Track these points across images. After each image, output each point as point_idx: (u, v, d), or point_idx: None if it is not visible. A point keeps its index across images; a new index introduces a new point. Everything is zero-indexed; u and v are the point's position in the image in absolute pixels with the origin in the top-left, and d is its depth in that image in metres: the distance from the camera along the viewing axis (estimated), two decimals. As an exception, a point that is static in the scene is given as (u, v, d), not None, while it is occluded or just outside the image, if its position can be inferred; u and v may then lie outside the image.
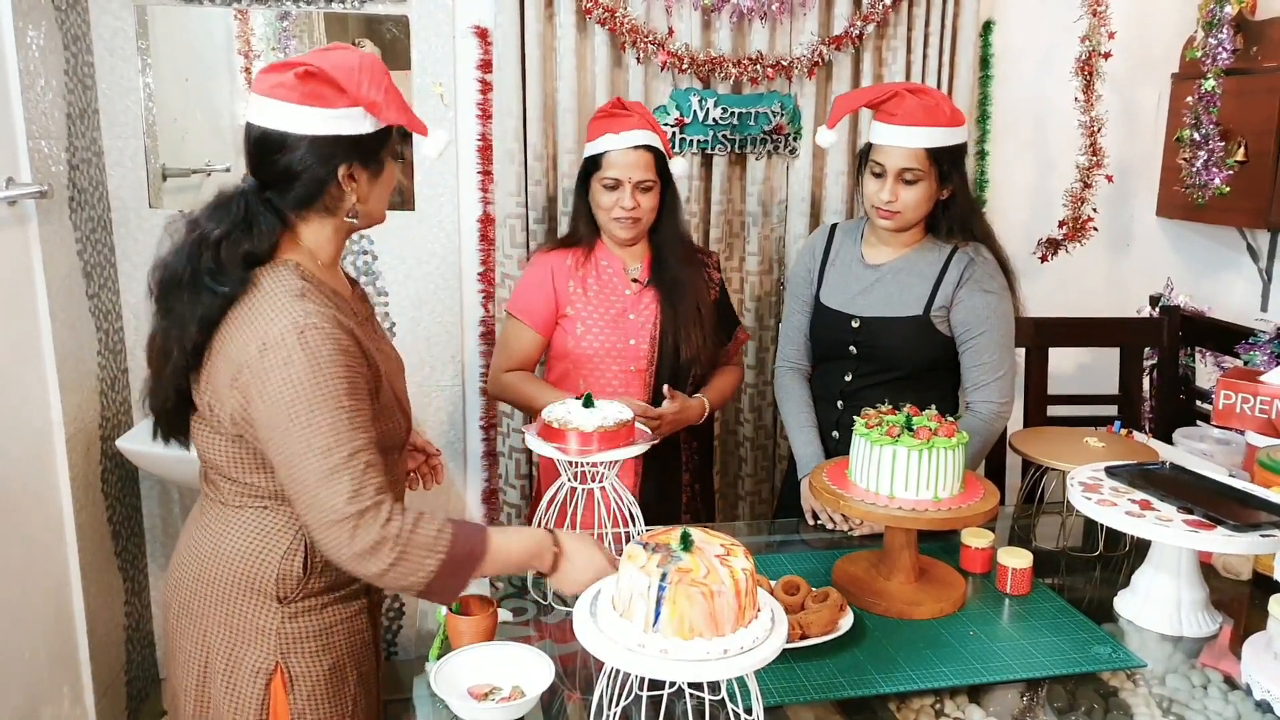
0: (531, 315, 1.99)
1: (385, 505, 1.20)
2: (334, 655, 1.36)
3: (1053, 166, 2.67)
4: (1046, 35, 2.59)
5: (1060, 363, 2.57)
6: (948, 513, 1.43)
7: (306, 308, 1.23)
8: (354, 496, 1.19)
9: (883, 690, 1.28)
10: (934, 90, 1.84)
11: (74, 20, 2.15)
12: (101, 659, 2.16)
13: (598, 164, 1.91)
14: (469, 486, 2.62)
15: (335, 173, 1.27)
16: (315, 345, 1.21)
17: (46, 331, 1.98)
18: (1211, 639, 1.46)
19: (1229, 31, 2.33)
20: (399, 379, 1.41)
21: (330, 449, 1.19)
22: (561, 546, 1.30)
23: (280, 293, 1.25)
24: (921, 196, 1.79)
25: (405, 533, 1.19)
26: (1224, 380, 1.90)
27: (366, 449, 1.21)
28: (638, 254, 2.01)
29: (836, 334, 1.90)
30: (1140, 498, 1.49)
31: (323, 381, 1.20)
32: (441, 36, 2.36)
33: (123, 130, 2.30)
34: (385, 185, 1.36)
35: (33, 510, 1.93)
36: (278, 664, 1.33)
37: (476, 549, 1.24)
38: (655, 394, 1.96)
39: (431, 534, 1.21)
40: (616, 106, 1.96)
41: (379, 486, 1.21)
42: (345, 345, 1.23)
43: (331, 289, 1.33)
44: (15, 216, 1.89)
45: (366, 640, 1.41)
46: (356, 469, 1.19)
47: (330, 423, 1.19)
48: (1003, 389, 1.83)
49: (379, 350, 1.35)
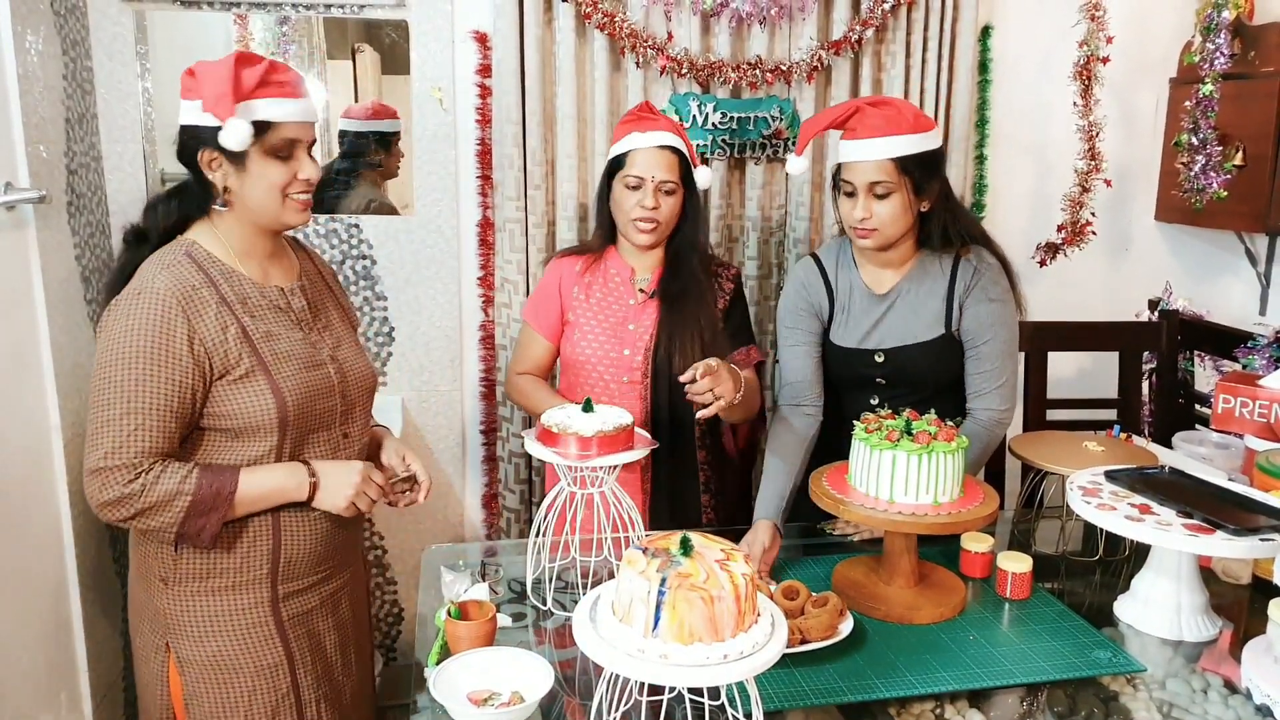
0: (540, 322, 1.99)
1: (139, 468, 1.32)
2: (218, 642, 1.44)
3: (1051, 171, 2.68)
4: (1045, 40, 2.59)
5: (1059, 367, 2.57)
6: (947, 517, 1.43)
7: (158, 276, 1.37)
8: (109, 454, 1.32)
9: (883, 695, 1.28)
10: (897, 100, 1.78)
11: (73, 25, 2.15)
12: (98, 666, 2.15)
13: (621, 163, 1.89)
14: (468, 491, 2.61)
15: (196, 159, 1.40)
16: (142, 308, 1.34)
17: (44, 336, 1.97)
18: (1211, 643, 1.46)
19: (1227, 36, 2.33)
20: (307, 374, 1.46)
21: (110, 403, 1.33)
22: (318, 475, 1.44)
23: (153, 262, 1.40)
24: (897, 209, 1.73)
25: (149, 486, 1.32)
26: (1223, 384, 1.91)
27: (143, 412, 1.32)
28: (651, 264, 1.97)
29: (860, 370, 1.85)
30: (1140, 502, 1.49)
31: (130, 341, 1.33)
32: (441, 41, 2.36)
33: (121, 135, 2.30)
34: (258, 179, 1.41)
35: (30, 515, 1.93)
36: (168, 644, 1.45)
37: (225, 487, 1.36)
38: (654, 408, 1.92)
39: (174, 483, 1.33)
40: (645, 110, 1.95)
41: (142, 450, 1.32)
42: (171, 315, 1.34)
43: (235, 273, 1.44)
44: (13, 221, 1.89)
45: (268, 634, 1.46)
46: (124, 429, 1.32)
47: (120, 379, 1.32)
48: (1004, 396, 1.81)
49: (268, 336, 1.44)
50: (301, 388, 1.44)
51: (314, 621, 1.52)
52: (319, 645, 1.52)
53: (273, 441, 1.43)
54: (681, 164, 1.89)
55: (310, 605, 1.52)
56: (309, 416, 1.46)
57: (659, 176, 1.86)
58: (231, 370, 1.39)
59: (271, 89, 1.38)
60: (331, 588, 1.55)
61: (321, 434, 1.49)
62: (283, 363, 1.44)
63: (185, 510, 1.34)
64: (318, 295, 1.58)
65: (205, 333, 1.37)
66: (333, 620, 1.55)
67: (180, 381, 1.35)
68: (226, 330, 1.39)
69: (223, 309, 1.39)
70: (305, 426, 1.46)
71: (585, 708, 1.25)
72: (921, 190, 1.74)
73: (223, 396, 1.39)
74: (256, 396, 1.40)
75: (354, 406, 1.56)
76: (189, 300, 1.37)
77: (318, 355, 1.50)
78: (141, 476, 1.32)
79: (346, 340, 1.59)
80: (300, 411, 1.44)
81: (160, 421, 1.34)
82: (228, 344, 1.39)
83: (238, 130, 1.35)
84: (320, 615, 1.53)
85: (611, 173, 1.93)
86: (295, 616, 1.49)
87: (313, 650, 1.51)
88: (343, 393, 1.52)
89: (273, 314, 1.46)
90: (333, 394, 1.50)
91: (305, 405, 1.45)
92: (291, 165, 1.43)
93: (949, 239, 1.80)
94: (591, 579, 1.56)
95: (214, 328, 1.38)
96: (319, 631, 1.53)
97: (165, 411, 1.34)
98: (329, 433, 1.51)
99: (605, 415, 1.51)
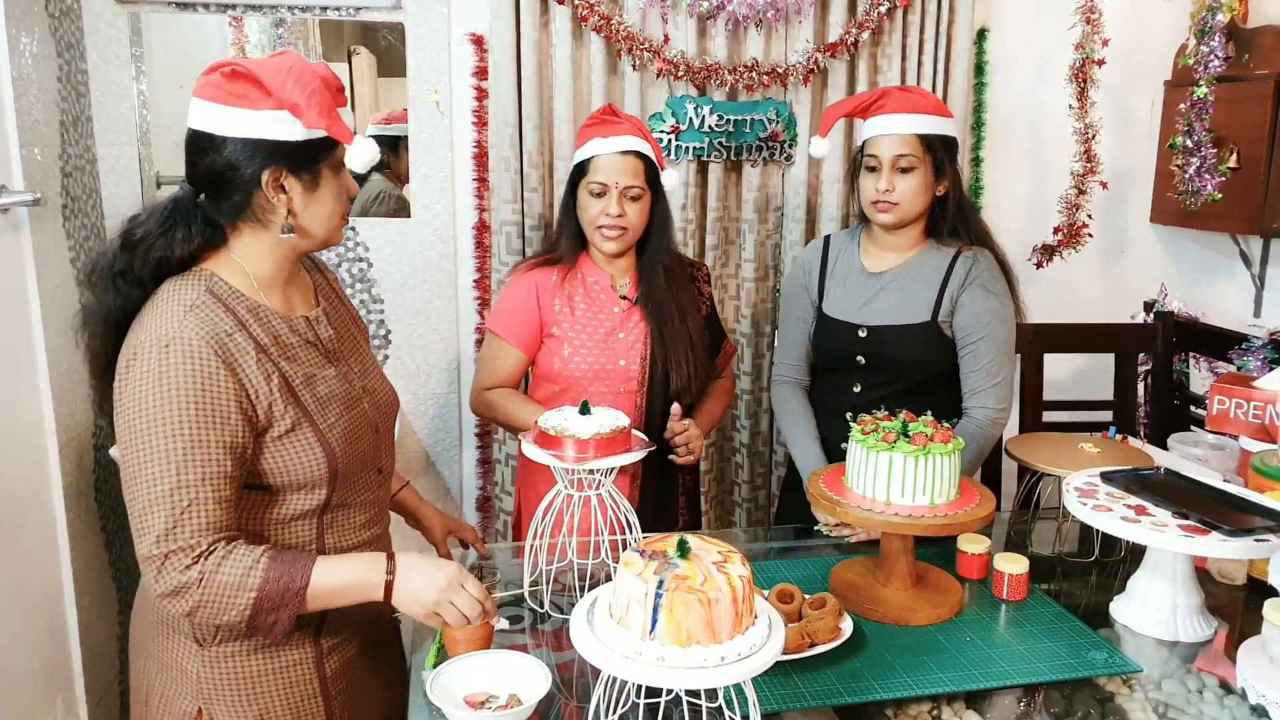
0: (514, 333, 1.92)
1: (198, 549, 1.16)
2: (260, 705, 1.30)
3: (1048, 173, 2.69)
4: (1041, 43, 2.60)
5: (1055, 369, 2.57)
6: (944, 519, 1.43)
7: (185, 321, 1.18)
8: (164, 536, 1.15)
9: (879, 697, 1.28)
10: (920, 88, 1.87)
11: (67, 27, 2.15)
12: (94, 670, 2.14)
13: (584, 170, 1.86)
14: (464, 495, 2.61)
15: (260, 178, 1.22)
16: (173, 362, 1.16)
17: (39, 340, 1.97)
18: (1207, 644, 1.46)
19: (1221, 39, 2.34)
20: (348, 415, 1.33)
21: (156, 477, 1.15)
22: (395, 573, 1.24)
23: (171, 302, 1.21)
24: (918, 185, 1.79)
25: (208, 575, 1.16)
26: (1218, 385, 1.91)
27: (196, 485, 1.16)
28: (625, 269, 1.95)
29: (843, 345, 1.88)
30: (1135, 503, 1.49)
31: (168, 402, 1.15)
32: (437, 44, 2.36)
33: (116, 138, 2.30)
34: (325, 201, 1.28)
35: (26, 519, 1.92)
36: (200, 709, 1.29)
37: (294, 583, 1.19)
38: (647, 415, 1.92)
39: (238, 574, 1.17)
40: (608, 113, 1.91)
41: (200, 527, 1.16)
42: (211, 369, 1.17)
43: (261, 308, 1.27)
44: (8, 224, 1.89)
45: (312, 692, 1.34)
46: (178, 505, 1.15)
47: (164, 449, 1.15)
48: (1000, 395, 1.82)
49: (308, 380, 1.29)
50: (346, 434, 1.32)
51: (354, 670, 1.41)
52: (360, 695, 1.42)
53: (321, 495, 1.29)
54: (647, 168, 1.86)
55: (351, 653, 1.40)
56: (353, 461, 1.33)
57: (623, 182, 1.83)
58: (276, 424, 1.24)
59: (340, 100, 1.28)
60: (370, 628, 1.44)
61: (361, 475, 1.36)
62: (326, 409, 1.30)
63: (250, 606, 1.17)
64: (338, 316, 1.44)
65: (250, 384, 1.21)
66: (372, 663, 1.45)
67: (232, 444, 1.19)
68: (270, 380, 1.23)
69: (262, 356, 1.23)
70: (350, 471, 1.33)
71: (582, 710, 1.24)
72: (940, 172, 1.81)
73: (271, 453, 1.24)
74: (305, 451, 1.26)
75: (385, 437, 1.44)
76: (225, 348, 1.20)
77: (353, 391, 1.37)
78: (201, 561, 1.16)
79: (370, 363, 1.47)
80: (347, 459, 1.31)
81: (216, 491, 1.17)
82: (273, 395, 1.23)
83: (368, 148, 1.23)
84: (361, 662, 1.42)
85: (575, 179, 1.90)
86: (337, 670, 1.37)
87: (352, 704, 1.40)
88: (376, 426, 1.40)
89: (305, 351, 1.31)
90: (370, 430, 1.38)
91: (350, 450, 1.32)
92: (345, 180, 1.32)
93: (955, 232, 1.85)
94: (589, 581, 1.55)
95: (257, 378, 1.22)
96: (359, 677, 1.42)
97: (221, 479, 1.17)
98: (367, 473, 1.38)
99: (602, 418, 1.51)
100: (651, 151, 1.88)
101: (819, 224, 2.52)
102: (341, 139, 1.24)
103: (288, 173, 1.24)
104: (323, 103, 1.21)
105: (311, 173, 1.26)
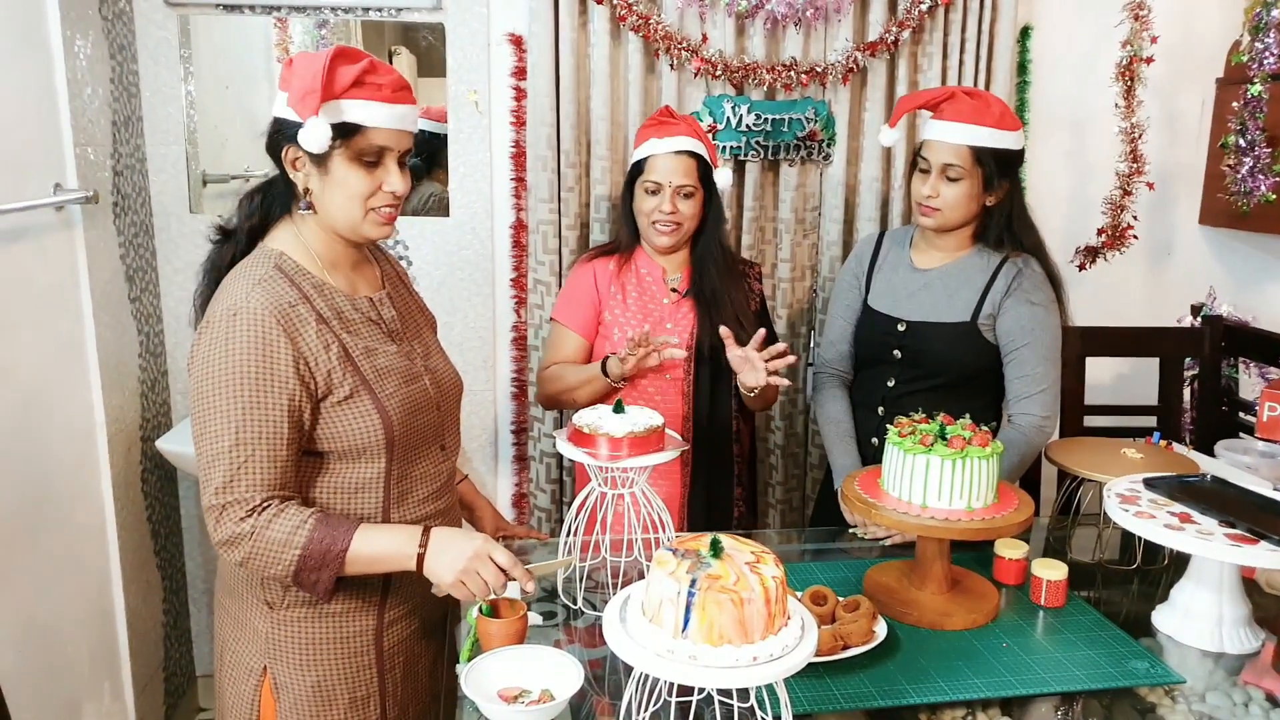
0: (575, 319, 2.01)
1: (252, 503, 1.24)
2: (319, 671, 1.37)
3: (1092, 173, 2.64)
4: (1086, 40, 2.55)
5: (1098, 372, 2.52)
6: (981, 523, 1.41)
7: (252, 293, 1.27)
8: (223, 488, 1.23)
9: (913, 701, 1.26)
10: (990, 95, 1.85)
11: (120, 30, 2.20)
12: (141, 656, 2.20)
13: (641, 169, 1.94)
14: (499, 491, 2.63)
15: (281, 153, 1.32)
16: (240, 329, 1.24)
17: (90, 334, 2.02)
18: (1254, 656, 1.42)
19: (1276, 36, 2.28)
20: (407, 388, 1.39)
21: (219, 434, 1.24)
22: (428, 545, 1.29)
23: (242, 277, 1.30)
24: (963, 195, 1.79)
25: (260, 530, 1.24)
26: (1269, 391, 1.86)
27: (254, 442, 1.24)
28: (678, 263, 2.02)
29: (882, 337, 1.90)
30: (1180, 510, 1.46)
31: (231, 365, 1.23)
32: (477, 44, 2.39)
33: (165, 137, 2.35)
34: (339, 186, 1.31)
35: (75, 509, 1.98)
36: (265, 667, 1.37)
37: (335, 546, 1.26)
38: (693, 404, 1.96)
39: (286, 531, 1.24)
40: (665, 115, 1.99)
41: (255, 483, 1.24)
42: (272, 337, 1.25)
43: (325, 285, 1.35)
44: (62, 221, 1.94)
45: (367, 663, 1.40)
46: (236, 460, 1.23)
47: (225, 408, 1.23)
48: (1045, 403, 1.80)
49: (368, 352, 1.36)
50: (405, 404, 1.37)
51: (410, 648, 1.46)
52: (411, 673, 1.47)
53: (381, 464, 1.36)
54: (700, 167, 1.93)
55: (409, 631, 1.45)
56: (413, 433, 1.39)
57: (676, 182, 1.91)
58: (335, 391, 1.30)
59: (366, 90, 1.27)
60: (429, 610, 1.49)
61: (423, 450, 1.42)
62: (384, 380, 1.36)
63: (295, 563, 1.25)
64: (403, 302, 1.50)
65: (309, 352, 1.28)
66: (425, 643, 1.50)
67: (290, 406, 1.26)
68: (329, 349, 1.30)
69: (322, 327, 1.31)
70: (410, 443, 1.39)
71: (614, 707, 1.25)
72: (990, 185, 1.80)
73: (329, 419, 1.31)
74: (363, 418, 1.32)
75: (448, 416, 1.50)
76: (288, 318, 1.27)
77: (414, 367, 1.43)
78: (254, 515, 1.24)
79: (434, 347, 1.53)
80: (405, 429, 1.37)
81: (272, 450, 1.25)
82: (331, 363, 1.30)
83: (317, 132, 1.24)
84: (416, 639, 1.47)
85: (633, 178, 1.98)
86: (396, 645, 1.43)
87: (404, 680, 1.46)
88: (438, 404, 1.46)
89: (367, 328, 1.38)
90: (431, 407, 1.44)
91: (409, 422, 1.38)
92: (378, 175, 1.32)
93: (1004, 241, 1.84)
94: (621, 579, 1.56)
95: (317, 346, 1.29)
96: (414, 658, 1.47)
97: (277, 439, 1.25)
98: (429, 449, 1.44)
99: (636, 416, 1.52)
100: (705, 151, 1.95)
101: (856, 224, 2.50)
102: (300, 115, 1.25)
103: (302, 153, 1.29)
104: (306, 84, 1.24)
105: (320, 155, 1.29)
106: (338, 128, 1.26)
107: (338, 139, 1.27)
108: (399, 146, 1.33)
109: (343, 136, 1.27)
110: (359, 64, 1.27)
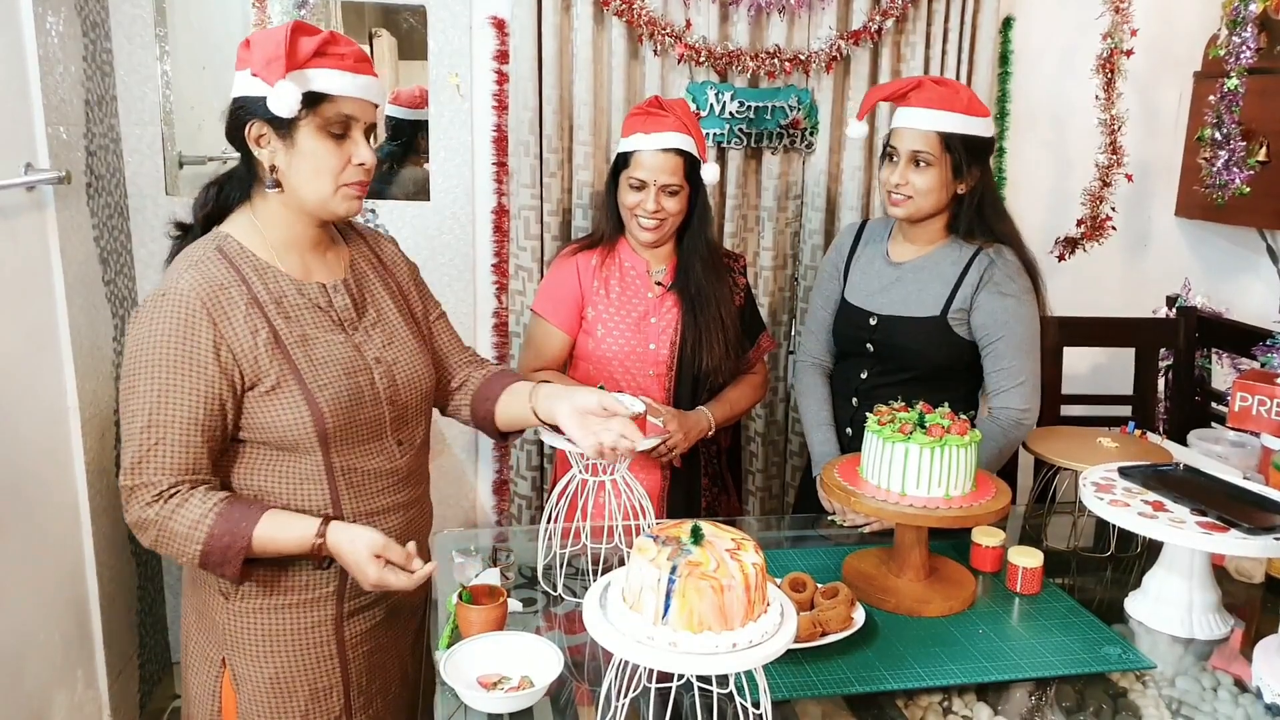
0: (557, 314, 1.98)
1: (159, 488, 1.24)
2: (277, 663, 1.36)
3: (1071, 165, 2.66)
4: (1067, 32, 2.57)
5: (1075, 362, 2.55)
6: (959, 511, 1.43)
7: (184, 275, 1.26)
8: (131, 469, 1.24)
9: (891, 687, 1.28)
10: (958, 83, 1.85)
11: (93, 7, 2.16)
12: (114, 643, 2.17)
13: (626, 162, 1.90)
14: (480, 478, 2.63)
15: (244, 132, 1.29)
16: (164, 312, 1.24)
17: (63, 317, 1.99)
18: (1223, 641, 1.45)
19: (1253, 30, 2.30)
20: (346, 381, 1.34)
21: (134, 415, 1.24)
22: (325, 537, 1.28)
23: (183, 256, 1.31)
24: (932, 183, 1.77)
25: (164, 519, 1.24)
26: (1240, 382, 1.89)
27: (165, 425, 1.23)
28: (663, 256, 1.99)
29: (855, 330, 1.90)
30: (1153, 499, 1.48)
31: (152, 347, 1.23)
32: (459, 28, 2.36)
33: (140, 117, 2.31)
34: (307, 160, 1.29)
35: (48, 494, 1.95)
36: (224, 659, 1.37)
37: (237, 542, 1.25)
38: (675, 399, 1.96)
39: (188, 524, 1.24)
40: (654, 105, 1.94)
41: (162, 467, 1.24)
42: (195, 319, 1.24)
43: (270, 268, 1.32)
44: (33, 202, 1.91)
45: (328, 654, 1.39)
46: (146, 443, 1.23)
47: (143, 389, 1.23)
48: (1024, 395, 1.79)
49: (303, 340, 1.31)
50: (341, 397, 1.32)
51: (375, 638, 1.44)
52: (378, 663, 1.45)
53: (319, 457, 1.32)
54: (687, 163, 1.89)
55: (374, 621, 1.43)
56: (352, 428, 1.34)
57: (661, 180, 1.87)
58: (263, 380, 1.28)
59: (330, 60, 1.26)
60: (395, 598, 1.45)
61: (371, 445, 1.38)
62: (320, 370, 1.31)
63: (199, 556, 1.24)
64: (368, 289, 1.44)
65: (233, 338, 1.26)
66: (393, 633, 1.48)
67: (205, 393, 1.24)
68: (256, 335, 1.27)
69: (253, 310, 1.28)
70: (350, 438, 1.35)
71: (594, 693, 1.25)
72: (960, 173, 1.79)
73: (256, 409, 1.28)
74: (291, 409, 1.29)
75: (406, 411, 1.44)
76: (215, 301, 1.25)
77: (360, 359, 1.37)
78: (161, 501, 1.24)
79: (400, 337, 1.45)
80: (341, 423, 1.32)
81: (184, 435, 1.23)
82: (257, 350, 1.27)
83: (286, 94, 1.20)
84: (383, 629, 1.45)
85: (617, 169, 1.94)
86: (359, 635, 1.42)
87: (369, 671, 1.44)
88: (391, 398, 1.40)
89: (310, 314, 1.34)
90: (379, 401, 1.38)
91: (346, 416, 1.33)
92: (345, 147, 1.30)
93: (976, 231, 1.83)
94: (602, 566, 1.56)
95: (242, 332, 1.26)
96: (380, 647, 1.46)
97: (189, 425, 1.24)
98: (380, 443, 1.39)
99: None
100: (693, 146, 1.90)
101: (839, 213, 2.51)
102: (268, 81, 1.23)
103: (268, 127, 1.28)
104: (269, 53, 1.22)
105: (287, 128, 1.27)
106: (305, 97, 1.25)
107: (304, 108, 1.26)
108: (364, 117, 1.32)
109: (309, 106, 1.26)
110: (319, 36, 1.28)
